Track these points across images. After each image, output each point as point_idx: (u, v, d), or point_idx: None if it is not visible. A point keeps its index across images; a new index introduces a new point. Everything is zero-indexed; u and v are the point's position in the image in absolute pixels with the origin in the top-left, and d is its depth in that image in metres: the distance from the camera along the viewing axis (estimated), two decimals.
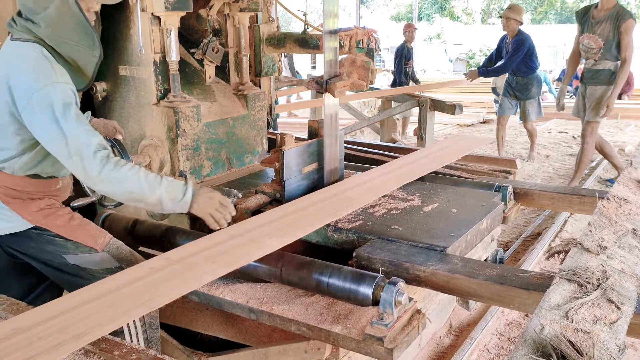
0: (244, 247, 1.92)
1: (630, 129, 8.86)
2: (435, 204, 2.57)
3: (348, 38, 3.05)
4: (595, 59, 4.94)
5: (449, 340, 2.92)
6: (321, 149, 2.76)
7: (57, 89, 1.80)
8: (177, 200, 1.97)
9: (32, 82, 1.78)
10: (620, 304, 1.51)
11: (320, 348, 1.88)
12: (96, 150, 1.84)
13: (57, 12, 1.82)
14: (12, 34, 1.88)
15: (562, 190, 2.89)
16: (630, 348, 2.74)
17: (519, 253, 4.11)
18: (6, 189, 1.93)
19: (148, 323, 2.01)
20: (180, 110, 2.80)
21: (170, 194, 1.95)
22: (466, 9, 30.91)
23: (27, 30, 1.85)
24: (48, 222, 1.99)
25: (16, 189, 1.93)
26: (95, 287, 1.68)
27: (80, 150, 1.82)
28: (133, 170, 1.90)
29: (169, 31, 2.73)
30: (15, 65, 1.82)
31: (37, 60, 1.82)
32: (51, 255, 2.00)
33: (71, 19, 1.85)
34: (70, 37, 1.86)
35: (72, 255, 1.99)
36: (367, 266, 2.06)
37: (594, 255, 1.83)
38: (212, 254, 1.87)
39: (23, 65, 1.81)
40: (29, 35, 1.85)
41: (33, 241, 1.99)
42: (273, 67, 3.55)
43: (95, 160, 1.83)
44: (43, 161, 1.96)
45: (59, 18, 1.83)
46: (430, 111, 5.77)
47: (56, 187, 2.05)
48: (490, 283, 1.86)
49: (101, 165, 1.84)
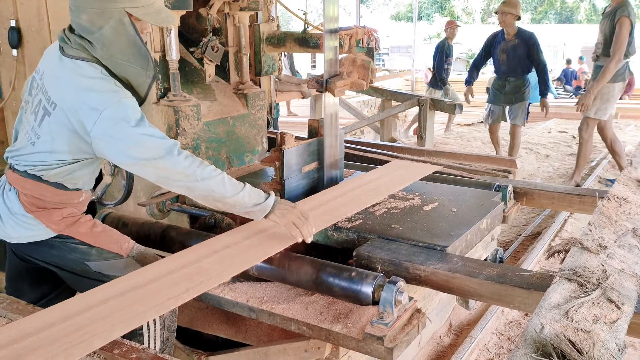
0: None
1: (630, 129, 8.87)
2: (435, 204, 2.57)
3: (348, 37, 3.05)
4: (597, 54, 5.01)
5: (449, 340, 2.93)
6: (321, 148, 2.77)
7: (127, 104, 1.81)
8: (257, 203, 1.95)
9: (102, 100, 1.77)
10: (620, 304, 1.51)
11: (320, 347, 1.88)
12: (180, 150, 1.86)
13: (113, 32, 1.81)
14: (65, 49, 1.85)
15: (562, 190, 2.89)
16: (630, 347, 2.75)
17: (518, 252, 4.11)
18: (31, 198, 1.91)
19: (167, 326, 2.01)
20: (180, 109, 2.80)
21: (252, 196, 1.95)
22: (466, 9, 30.90)
23: (82, 48, 1.83)
24: (72, 230, 1.98)
25: (40, 198, 1.92)
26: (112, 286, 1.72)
27: (167, 150, 1.82)
28: (217, 171, 1.91)
29: (169, 30, 2.73)
30: (81, 84, 1.80)
31: (103, 80, 1.82)
32: (74, 263, 1.98)
33: (126, 39, 1.84)
34: (125, 58, 1.86)
35: (96, 263, 1.98)
36: (367, 265, 2.06)
37: (594, 255, 1.83)
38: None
39: (89, 83, 1.80)
40: (85, 54, 1.83)
41: (55, 249, 1.98)
42: (273, 66, 3.54)
43: (181, 157, 1.84)
44: (73, 173, 1.94)
45: (114, 38, 1.82)
46: (430, 110, 5.77)
47: (79, 199, 2.04)
48: (490, 282, 1.86)
49: (188, 162, 1.84)
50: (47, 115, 1.85)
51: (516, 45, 5.69)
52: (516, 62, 5.72)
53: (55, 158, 1.88)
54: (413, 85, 14.64)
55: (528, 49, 5.64)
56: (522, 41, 5.66)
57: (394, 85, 13.86)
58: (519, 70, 5.76)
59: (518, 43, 5.68)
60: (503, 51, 5.80)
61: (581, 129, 5.29)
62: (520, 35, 5.69)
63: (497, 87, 6.00)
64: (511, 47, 5.72)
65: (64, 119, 1.81)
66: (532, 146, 7.62)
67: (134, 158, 1.82)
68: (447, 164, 3.44)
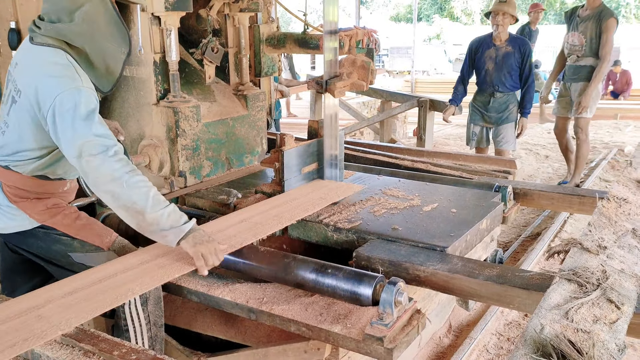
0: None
1: (630, 130, 8.86)
2: (435, 204, 2.57)
3: (348, 38, 3.05)
4: (579, 55, 5.05)
5: (449, 340, 2.92)
6: (321, 149, 2.77)
7: (82, 93, 1.82)
8: (175, 225, 1.87)
9: (57, 85, 1.80)
10: (620, 304, 1.51)
11: (320, 348, 1.88)
12: (117, 153, 1.85)
13: (94, 9, 1.86)
14: (34, 38, 1.88)
15: (562, 191, 2.89)
16: (630, 348, 2.74)
17: (518, 253, 4.11)
18: (15, 189, 1.95)
19: (153, 322, 2.01)
20: (180, 111, 2.80)
21: (171, 218, 1.87)
22: (466, 10, 30.91)
23: (54, 33, 1.86)
24: (54, 221, 2.01)
25: (24, 189, 1.96)
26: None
27: (102, 149, 1.81)
28: (146, 182, 1.88)
29: (169, 31, 2.73)
30: (41, 69, 1.84)
31: (63, 66, 1.84)
32: (58, 254, 2.01)
33: (105, 14, 1.89)
34: (104, 34, 1.90)
35: (79, 254, 2.00)
36: (367, 266, 2.06)
37: (593, 255, 1.83)
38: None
39: (49, 69, 1.83)
40: (53, 41, 1.86)
41: (40, 240, 2.01)
42: (273, 68, 3.55)
43: (112, 160, 1.82)
44: (55, 164, 1.97)
45: (95, 14, 1.86)
46: (430, 111, 5.77)
47: (63, 188, 2.07)
48: (489, 283, 1.86)
49: (118, 165, 1.83)
50: (14, 103, 1.88)
51: (508, 53, 4.67)
52: (505, 72, 4.70)
53: (24, 148, 1.90)
54: (413, 86, 14.64)
55: (521, 58, 4.68)
56: (514, 48, 4.67)
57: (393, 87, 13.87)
58: (507, 83, 4.72)
59: (510, 50, 4.67)
60: (490, 59, 4.75)
61: (576, 130, 5.32)
62: (512, 41, 4.72)
63: (479, 103, 4.91)
64: (502, 54, 4.69)
65: (26, 105, 1.84)
66: (531, 147, 7.61)
67: (74, 149, 1.81)
68: (447, 165, 3.44)
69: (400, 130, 8.55)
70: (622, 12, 26.37)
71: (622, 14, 25.88)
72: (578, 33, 5.02)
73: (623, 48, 15.09)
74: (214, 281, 2.07)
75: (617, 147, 7.30)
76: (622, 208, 2.31)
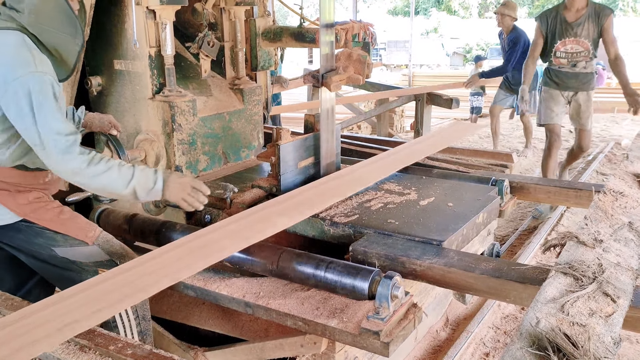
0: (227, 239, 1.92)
1: (627, 123, 8.87)
2: (431, 198, 2.57)
3: (344, 32, 3.04)
4: (587, 60, 4.57)
5: (445, 334, 2.93)
6: (317, 143, 2.76)
7: (35, 79, 1.78)
8: (149, 189, 1.99)
9: (10, 71, 1.76)
10: (616, 297, 1.51)
11: (316, 342, 1.88)
12: (71, 145, 1.83)
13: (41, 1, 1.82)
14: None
15: (559, 184, 2.89)
16: (626, 341, 2.75)
17: (515, 247, 4.11)
18: None
19: (141, 315, 2.01)
20: (175, 105, 2.79)
21: (142, 184, 1.96)
22: (463, 3, 30.85)
23: (10, 18, 1.83)
24: (37, 216, 1.98)
25: (3, 181, 1.92)
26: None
27: (55, 143, 1.81)
28: (107, 165, 1.90)
29: (164, 25, 2.72)
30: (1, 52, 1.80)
31: (17, 48, 1.80)
32: (40, 248, 1.99)
33: (54, 5, 1.85)
34: (52, 24, 1.86)
35: (62, 248, 1.98)
36: (364, 260, 2.06)
37: (590, 249, 1.83)
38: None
39: (5, 51, 1.79)
40: (12, 24, 1.83)
41: (22, 233, 1.98)
42: (269, 61, 3.53)
43: (69, 154, 1.83)
44: (30, 152, 1.93)
45: (42, 5, 1.83)
46: (427, 105, 5.76)
47: (44, 179, 2.04)
48: (486, 277, 1.86)
49: (75, 159, 1.83)
50: None
51: (506, 43, 6.18)
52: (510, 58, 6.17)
53: None
54: (410, 79, 14.63)
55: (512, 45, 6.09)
56: (510, 39, 6.11)
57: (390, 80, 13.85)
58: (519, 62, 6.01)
59: (508, 41, 6.15)
60: (503, 48, 6.30)
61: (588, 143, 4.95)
62: (511, 33, 6.11)
63: (505, 77, 6.42)
64: (505, 45, 6.23)
65: None
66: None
67: (32, 140, 1.81)
68: (444, 159, 3.44)
69: (397, 124, 8.54)
70: (620, 5, 26.35)
71: (619, 7, 25.86)
72: (577, 39, 4.51)
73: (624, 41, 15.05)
74: (211, 276, 2.07)
75: (614, 141, 7.30)
76: (618, 201, 2.31)
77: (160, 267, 1.71)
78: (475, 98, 9.15)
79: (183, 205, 2.09)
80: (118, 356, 1.44)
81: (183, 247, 1.85)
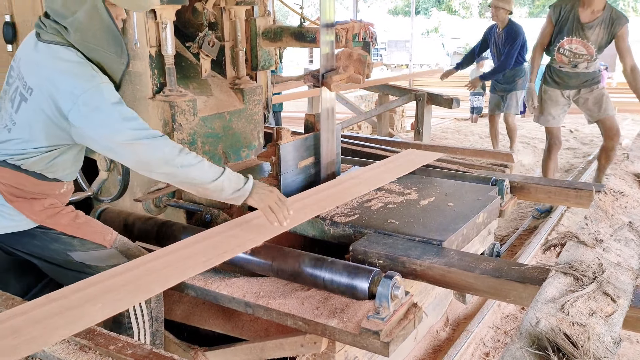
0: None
1: (627, 123, 8.87)
2: (431, 198, 2.57)
3: (345, 31, 3.04)
4: (589, 61, 4.42)
5: (446, 334, 2.93)
6: (318, 143, 2.76)
7: (105, 89, 1.80)
8: (237, 189, 1.99)
9: (78, 85, 1.76)
10: (616, 297, 1.51)
11: (316, 342, 1.88)
12: (163, 137, 1.86)
13: (87, 17, 1.80)
14: (42, 35, 1.84)
15: (559, 184, 2.89)
16: (626, 341, 2.75)
17: (515, 247, 4.11)
18: (10, 187, 1.89)
19: (155, 317, 2.01)
20: (176, 105, 2.79)
21: (232, 182, 1.98)
22: (464, 3, 30.86)
23: (57, 33, 1.82)
24: (53, 222, 1.97)
25: (19, 188, 1.90)
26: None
27: (146, 133, 1.82)
28: (198, 158, 1.92)
29: (165, 24, 2.72)
30: (57, 67, 1.79)
31: (80, 64, 1.81)
32: (56, 253, 1.97)
33: (100, 25, 1.82)
34: (98, 43, 1.84)
35: (79, 253, 1.97)
36: (364, 260, 2.06)
37: (590, 249, 1.83)
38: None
39: (65, 67, 1.78)
40: (60, 39, 1.82)
41: (37, 239, 1.96)
42: (269, 61, 3.53)
43: (162, 139, 1.84)
44: (56, 163, 1.93)
45: (88, 24, 1.80)
46: (428, 105, 5.76)
47: (60, 190, 2.03)
48: (486, 276, 1.86)
49: (168, 148, 1.84)
50: (24, 101, 1.83)
51: (503, 38, 5.90)
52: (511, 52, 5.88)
53: (32, 146, 1.86)
54: (410, 79, 14.62)
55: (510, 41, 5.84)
56: (506, 34, 5.86)
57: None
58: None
59: (504, 36, 5.88)
60: (494, 44, 6.02)
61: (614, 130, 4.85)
62: (506, 28, 5.87)
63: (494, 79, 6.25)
64: (500, 40, 5.94)
65: (40, 104, 1.80)
66: (529, 140, 7.62)
67: (111, 142, 1.81)
68: (444, 159, 3.44)
69: (398, 124, 8.55)
70: (621, 5, 26.33)
71: (620, 7, 25.84)
72: (585, 42, 4.35)
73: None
74: (211, 275, 2.07)
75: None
76: (618, 201, 2.31)
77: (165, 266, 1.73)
78: (475, 98, 9.17)
79: (267, 214, 2.05)
80: (118, 356, 1.44)
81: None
